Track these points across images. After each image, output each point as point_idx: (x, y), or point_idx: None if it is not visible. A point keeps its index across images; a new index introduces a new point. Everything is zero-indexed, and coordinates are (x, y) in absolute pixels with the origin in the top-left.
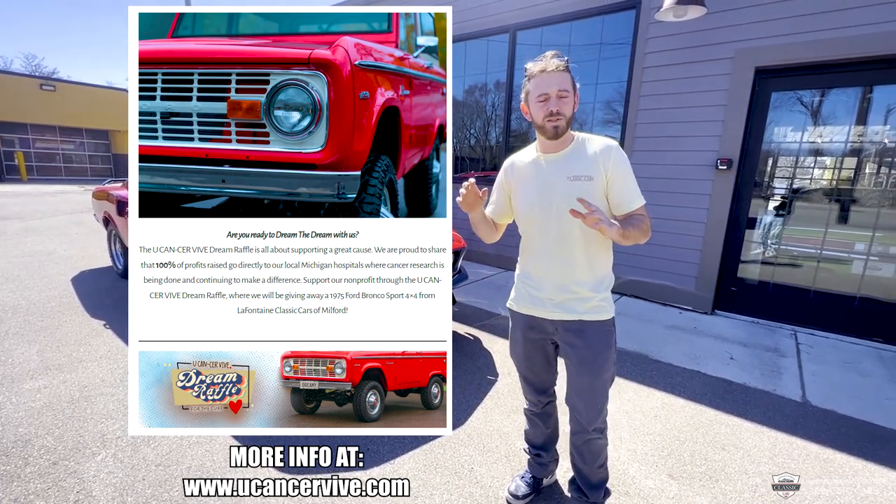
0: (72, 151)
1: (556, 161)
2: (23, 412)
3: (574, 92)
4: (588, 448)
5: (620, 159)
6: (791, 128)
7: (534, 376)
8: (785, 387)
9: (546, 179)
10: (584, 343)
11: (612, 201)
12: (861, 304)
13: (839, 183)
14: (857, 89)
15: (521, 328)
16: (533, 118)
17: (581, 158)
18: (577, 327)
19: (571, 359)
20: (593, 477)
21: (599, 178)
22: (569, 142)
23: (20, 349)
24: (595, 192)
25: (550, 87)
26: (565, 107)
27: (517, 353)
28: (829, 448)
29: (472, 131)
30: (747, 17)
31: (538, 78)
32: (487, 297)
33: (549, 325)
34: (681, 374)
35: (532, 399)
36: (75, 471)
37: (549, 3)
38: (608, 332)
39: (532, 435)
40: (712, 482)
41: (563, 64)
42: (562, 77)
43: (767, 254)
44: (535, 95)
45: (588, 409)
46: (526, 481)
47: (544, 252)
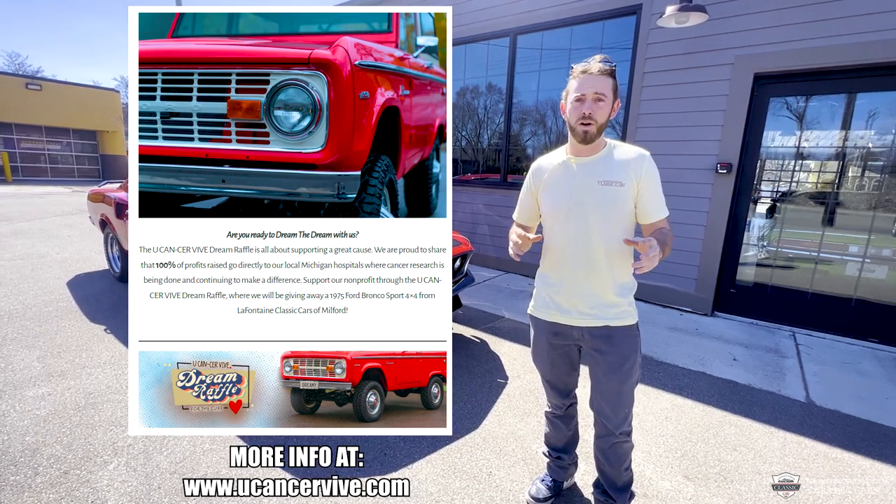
0: (58, 152)
1: (587, 165)
2: (28, 420)
3: (614, 98)
4: (614, 451)
5: (653, 169)
6: (788, 133)
7: (558, 381)
8: (789, 387)
9: (576, 182)
10: (612, 349)
11: (640, 210)
12: (857, 305)
13: (834, 186)
14: (853, 95)
15: (546, 335)
16: (567, 118)
17: (613, 164)
18: (604, 333)
19: (599, 364)
20: (619, 480)
21: (630, 185)
22: (601, 147)
23: (20, 355)
24: (625, 198)
25: (588, 89)
26: (599, 112)
27: (542, 359)
28: (837, 447)
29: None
30: (747, 24)
31: (579, 78)
32: (490, 300)
33: (574, 331)
34: (687, 375)
35: (556, 402)
36: (88, 480)
37: (549, 7)
38: (634, 336)
39: (553, 438)
40: (727, 483)
41: (608, 68)
42: (602, 81)
43: (765, 256)
44: (572, 95)
45: (616, 412)
46: (546, 484)
47: (570, 256)
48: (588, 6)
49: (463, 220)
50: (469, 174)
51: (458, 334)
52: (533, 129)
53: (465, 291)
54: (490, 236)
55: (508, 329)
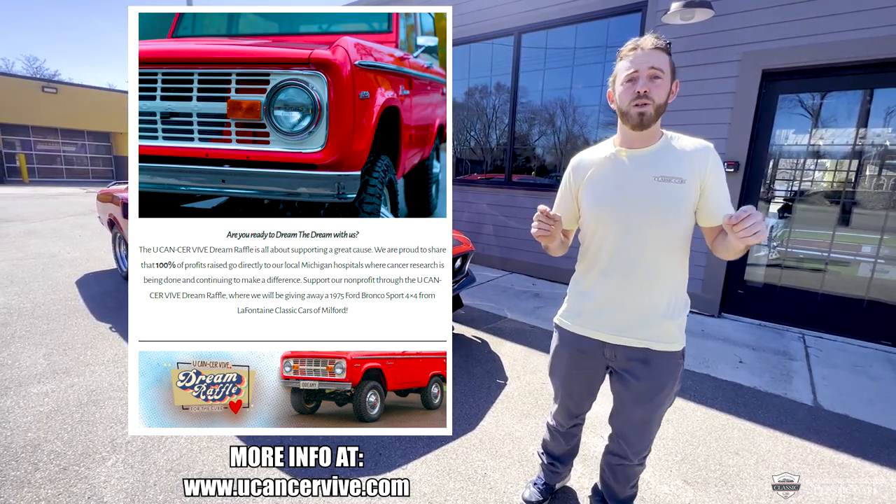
0: (73, 153)
1: (641, 157)
2: (31, 416)
3: (672, 77)
4: (624, 472)
5: (718, 164)
6: (798, 130)
7: (570, 400)
8: (796, 390)
9: (626, 177)
10: (647, 375)
11: (706, 211)
12: (869, 307)
13: (845, 185)
14: (867, 92)
15: (570, 349)
16: (617, 105)
17: (672, 157)
18: (641, 356)
19: (629, 389)
20: (622, 494)
21: (693, 182)
22: (657, 137)
23: (27, 352)
24: (685, 197)
25: (641, 64)
26: (657, 89)
27: (559, 374)
28: (844, 453)
29: (473, 133)
30: (754, 19)
31: (629, 56)
32: (493, 300)
33: (606, 349)
34: (691, 377)
35: (560, 420)
36: (86, 476)
37: (553, 5)
38: (677, 364)
39: (551, 446)
40: (728, 487)
41: (662, 43)
42: (658, 56)
43: (774, 256)
44: (622, 76)
45: (639, 440)
46: (539, 487)
47: (613, 263)
48: (592, 4)
49: (469, 220)
50: (476, 174)
51: (459, 334)
52: (538, 128)
53: (467, 291)
54: (495, 236)
55: (510, 330)
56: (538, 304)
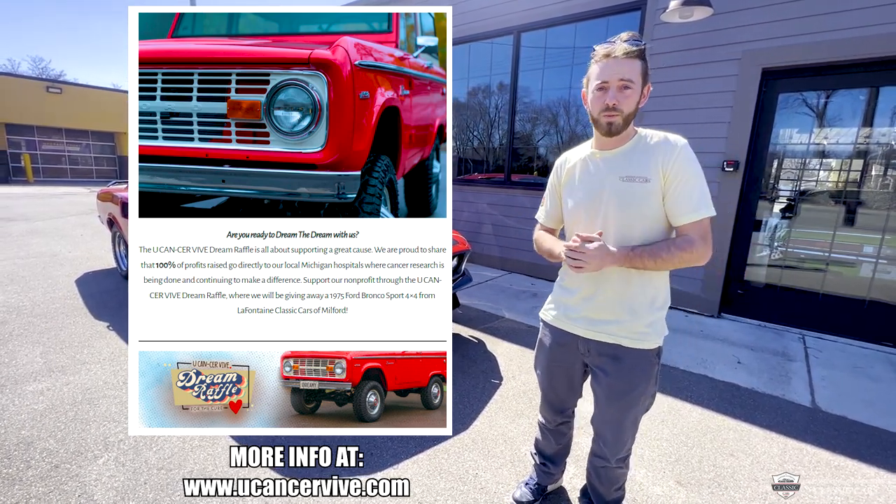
0: (77, 153)
1: (610, 159)
2: (25, 414)
3: (643, 83)
4: (607, 475)
5: (685, 159)
6: (799, 129)
7: (553, 394)
8: (794, 392)
9: (598, 178)
10: (618, 372)
11: (668, 209)
12: (871, 307)
13: (847, 185)
14: (866, 90)
15: (550, 342)
16: (589, 109)
17: (640, 157)
18: (612, 352)
19: (602, 385)
20: (608, 496)
21: (657, 180)
22: (629, 137)
23: (24, 351)
24: (650, 196)
25: (611, 76)
26: (625, 101)
27: (541, 366)
28: (840, 455)
29: (476, 133)
30: (754, 17)
31: (601, 63)
32: (491, 300)
33: (581, 343)
34: (687, 378)
35: (546, 416)
36: (77, 474)
37: (552, 4)
38: (650, 363)
39: (542, 446)
40: (721, 489)
41: (635, 50)
42: (629, 65)
43: (774, 256)
44: (594, 83)
45: (614, 440)
46: (531, 488)
47: None
48: (591, 2)
49: (468, 219)
50: (476, 174)
51: (456, 334)
52: (538, 127)
53: (465, 291)
54: (494, 235)
55: (507, 329)
56: (536, 303)
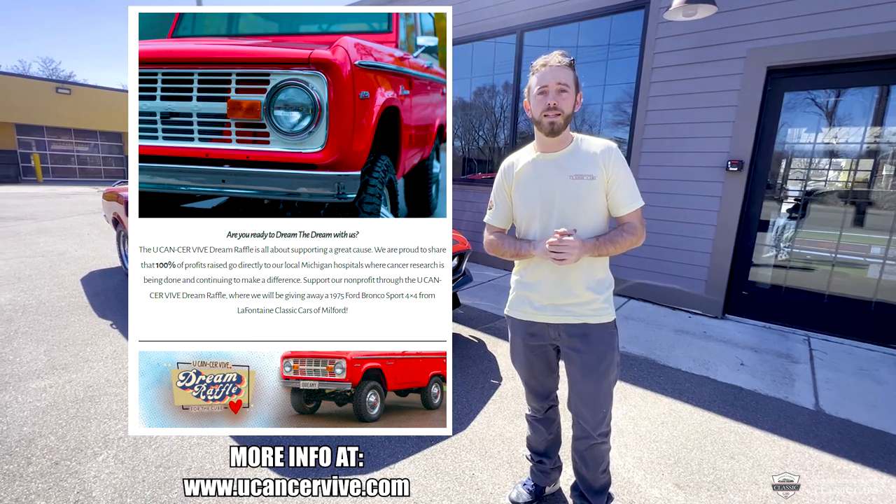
0: (86, 153)
1: (556, 160)
2: (28, 411)
3: (576, 90)
4: (591, 454)
5: (621, 160)
6: (805, 129)
7: (536, 382)
8: (797, 394)
9: (548, 178)
10: (588, 347)
11: (611, 202)
12: (877, 309)
13: (854, 185)
14: (873, 89)
15: (522, 335)
16: (532, 114)
17: (582, 157)
18: (580, 331)
19: (575, 363)
20: (596, 482)
21: (601, 177)
22: (569, 141)
23: (28, 348)
24: (596, 191)
25: (550, 80)
26: (564, 102)
27: (519, 360)
28: (843, 458)
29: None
30: (759, 16)
31: (540, 72)
32: (492, 300)
33: (551, 330)
34: (689, 379)
35: (534, 405)
36: (76, 471)
37: (556, 3)
38: (611, 334)
39: (534, 441)
40: (720, 492)
41: (567, 60)
42: (564, 72)
43: (780, 257)
44: (535, 90)
45: (594, 414)
46: (528, 489)
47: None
48: (595, 1)
49: (470, 219)
50: (480, 173)
51: (456, 334)
52: None
53: (466, 291)
54: None
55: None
56: None
